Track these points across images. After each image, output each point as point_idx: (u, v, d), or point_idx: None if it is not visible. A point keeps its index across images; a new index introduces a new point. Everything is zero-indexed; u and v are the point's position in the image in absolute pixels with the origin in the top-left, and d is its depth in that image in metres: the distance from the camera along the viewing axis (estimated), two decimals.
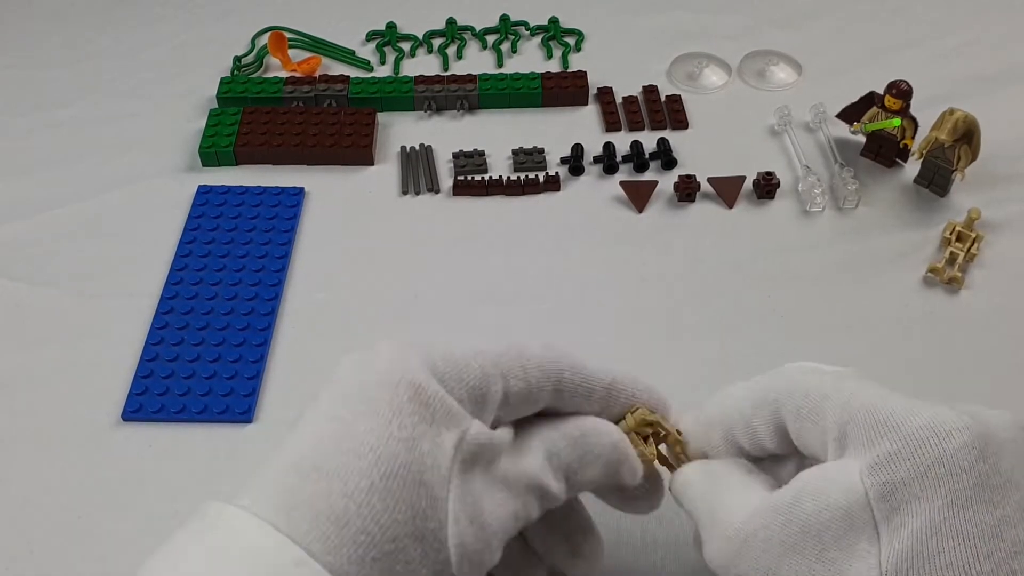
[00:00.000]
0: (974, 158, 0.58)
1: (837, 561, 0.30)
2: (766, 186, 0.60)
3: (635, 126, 0.65)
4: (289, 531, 0.28)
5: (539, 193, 0.61)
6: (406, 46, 0.74)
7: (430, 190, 0.62)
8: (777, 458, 0.36)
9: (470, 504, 0.31)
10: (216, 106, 0.67)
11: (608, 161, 0.62)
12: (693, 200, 0.60)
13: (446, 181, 0.62)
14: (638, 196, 0.60)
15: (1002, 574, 0.28)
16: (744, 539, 0.32)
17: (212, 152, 0.63)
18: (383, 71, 0.71)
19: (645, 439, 0.36)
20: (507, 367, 0.34)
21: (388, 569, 0.29)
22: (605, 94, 0.68)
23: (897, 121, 0.59)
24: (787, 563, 0.31)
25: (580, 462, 0.35)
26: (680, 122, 0.66)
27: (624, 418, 0.36)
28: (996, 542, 0.28)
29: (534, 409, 0.35)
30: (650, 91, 0.68)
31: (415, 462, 0.30)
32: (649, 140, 0.64)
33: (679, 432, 0.37)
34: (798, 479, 0.32)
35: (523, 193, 0.61)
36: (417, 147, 0.64)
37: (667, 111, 0.66)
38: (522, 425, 0.35)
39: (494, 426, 0.34)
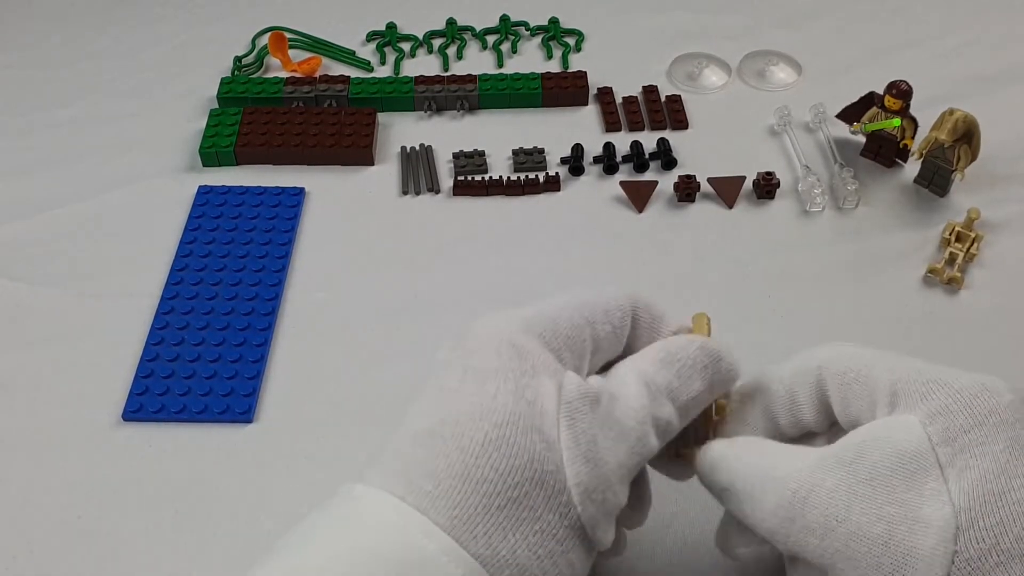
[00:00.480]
0: (974, 158, 0.58)
1: (908, 502, 0.30)
2: (766, 186, 0.60)
3: (635, 126, 0.66)
4: (413, 497, 0.30)
5: (539, 193, 0.61)
6: (406, 46, 0.74)
7: (430, 190, 0.62)
8: (806, 437, 0.37)
9: (583, 444, 0.32)
10: (216, 106, 0.67)
11: (608, 161, 0.62)
12: (693, 200, 0.60)
13: (446, 181, 0.62)
14: (638, 196, 0.60)
15: None
16: (809, 491, 0.32)
17: (212, 152, 0.63)
18: (383, 71, 0.71)
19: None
20: (592, 314, 0.35)
21: (515, 516, 0.30)
22: (605, 94, 0.68)
23: (897, 121, 0.59)
24: (857, 509, 0.31)
25: (678, 378, 0.35)
26: (680, 122, 0.66)
27: None
28: None
29: (617, 351, 0.36)
30: (650, 91, 0.68)
31: (524, 409, 0.31)
32: (649, 140, 0.64)
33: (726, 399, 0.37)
34: (857, 432, 0.33)
35: (523, 193, 0.61)
36: (417, 147, 0.64)
37: (667, 111, 0.66)
38: (608, 369, 0.36)
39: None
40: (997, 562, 0.29)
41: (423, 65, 0.72)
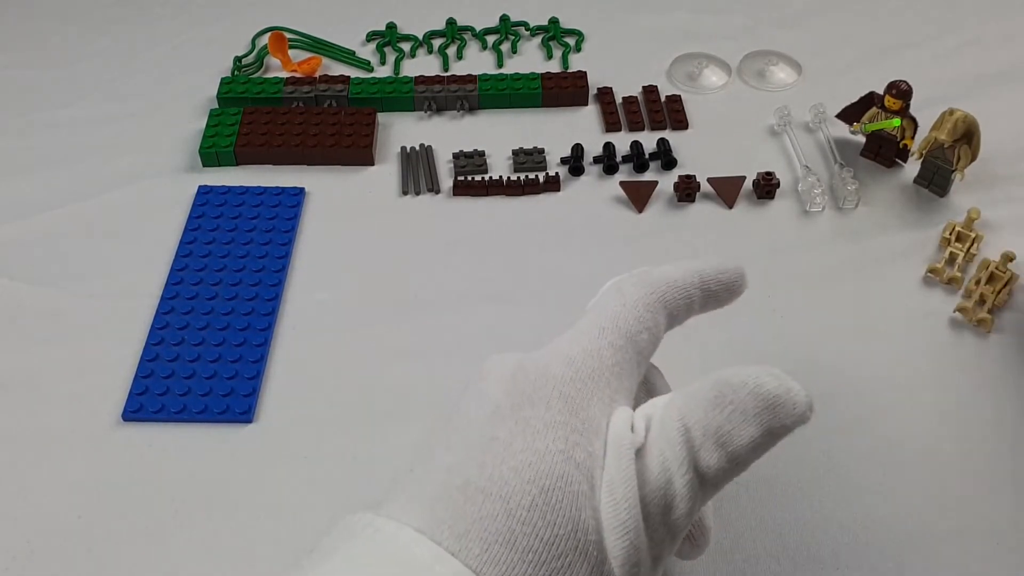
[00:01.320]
0: (974, 158, 0.58)
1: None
2: (766, 186, 0.60)
3: (635, 126, 0.66)
4: (464, 556, 0.28)
5: (539, 193, 0.61)
6: (406, 46, 0.74)
7: (430, 190, 0.62)
8: None
9: (626, 512, 0.30)
10: (216, 106, 0.67)
11: (608, 161, 0.62)
12: (693, 200, 0.60)
13: (446, 181, 0.62)
14: (638, 196, 0.60)
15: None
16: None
17: (212, 152, 0.63)
18: (383, 71, 0.71)
19: None
20: (626, 328, 0.34)
21: None
22: (605, 94, 0.68)
23: (897, 121, 0.59)
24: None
25: (729, 422, 0.31)
26: (680, 122, 0.66)
27: None
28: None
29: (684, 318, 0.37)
30: (650, 91, 0.68)
31: (571, 472, 0.30)
32: (649, 140, 0.64)
33: None
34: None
35: (523, 193, 0.61)
36: (417, 147, 0.64)
37: (667, 111, 0.66)
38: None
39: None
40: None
41: (423, 65, 0.72)
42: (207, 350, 0.51)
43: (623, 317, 0.35)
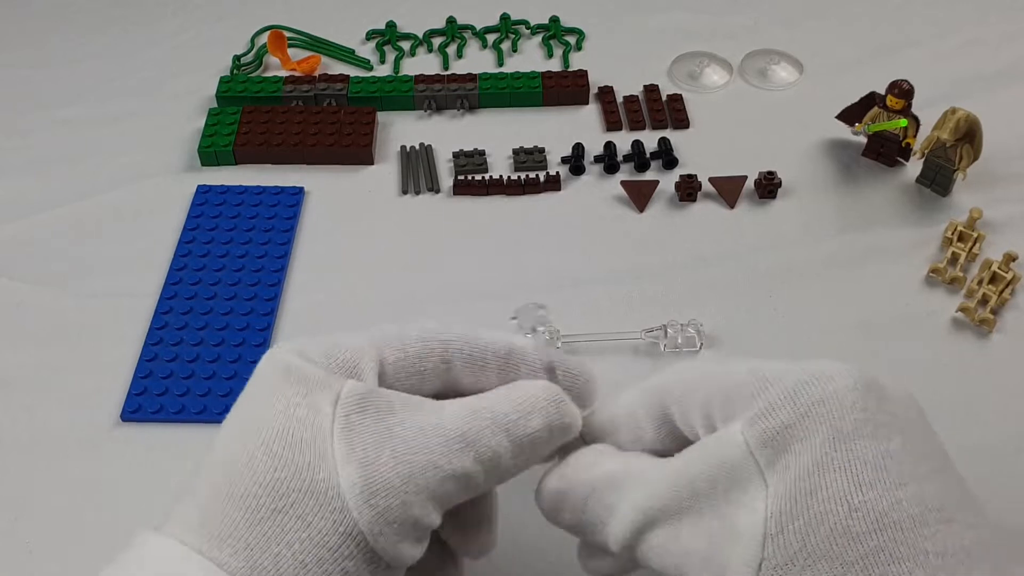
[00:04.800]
0: (976, 158, 0.58)
1: (728, 515, 0.30)
2: (767, 186, 0.59)
3: (636, 125, 0.65)
4: (178, 530, 0.30)
5: (539, 193, 0.61)
6: (406, 45, 0.73)
7: (430, 190, 0.61)
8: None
9: (359, 449, 0.31)
10: (215, 105, 0.67)
11: (609, 161, 0.62)
12: (694, 200, 0.60)
13: (446, 181, 0.62)
14: (639, 196, 0.60)
15: (885, 503, 0.28)
16: (647, 513, 0.32)
17: (211, 152, 0.63)
18: (383, 70, 0.71)
19: None
20: (383, 340, 0.34)
21: (280, 525, 0.30)
22: (606, 93, 0.68)
23: (903, 122, 0.59)
24: (688, 524, 0.31)
25: (516, 411, 0.33)
26: (681, 121, 0.65)
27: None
28: (880, 473, 0.28)
29: (430, 384, 0.35)
30: (651, 90, 0.68)
31: (292, 425, 0.31)
32: (650, 140, 0.64)
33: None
34: (688, 449, 0.32)
35: (523, 193, 0.61)
36: (417, 147, 0.64)
37: (668, 110, 0.66)
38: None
39: None
40: (804, 564, 0.28)
41: (423, 64, 0.72)
42: (206, 350, 0.51)
43: (382, 335, 0.35)
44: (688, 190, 0.59)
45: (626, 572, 0.35)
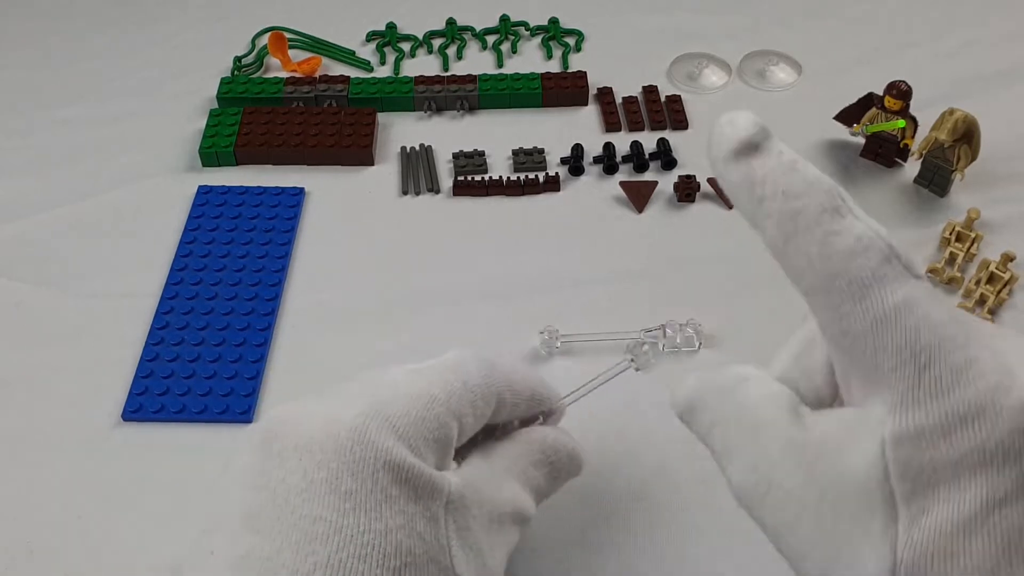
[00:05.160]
0: (974, 158, 0.58)
1: (851, 536, 0.26)
2: None
3: (635, 126, 0.65)
4: None
5: (539, 193, 0.61)
6: (406, 46, 0.74)
7: (430, 190, 0.62)
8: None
9: (473, 559, 0.31)
10: (216, 106, 0.67)
11: (608, 161, 0.62)
12: (693, 200, 0.60)
13: (446, 181, 0.62)
14: (638, 196, 0.60)
15: None
16: (768, 486, 0.28)
17: (212, 152, 0.63)
18: (383, 71, 0.71)
19: None
20: (457, 407, 0.33)
21: None
22: (605, 94, 0.68)
23: (902, 123, 0.59)
24: (805, 523, 0.27)
25: (548, 479, 0.36)
26: (680, 122, 0.66)
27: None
28: None
29: (476, 431, 0.35)
30: (650, 91, 0.68)
31: (417, 545, 0.29)
32: (649, 140, 0.64)
33: None
34: (824, 432, 0.27)
35: (523, 193, 0.61)
36: (417, 147, 0.64)
37: (667, 111, 0.66)
38: (481, 452, 0.36)
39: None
40: None
41: (423, 65, 0.72)
42: (207, 350, 0.51)
43: (459, 397, 0.34)
44: (687, 191, 0.60)
45: None
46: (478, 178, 0.61)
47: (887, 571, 0.25)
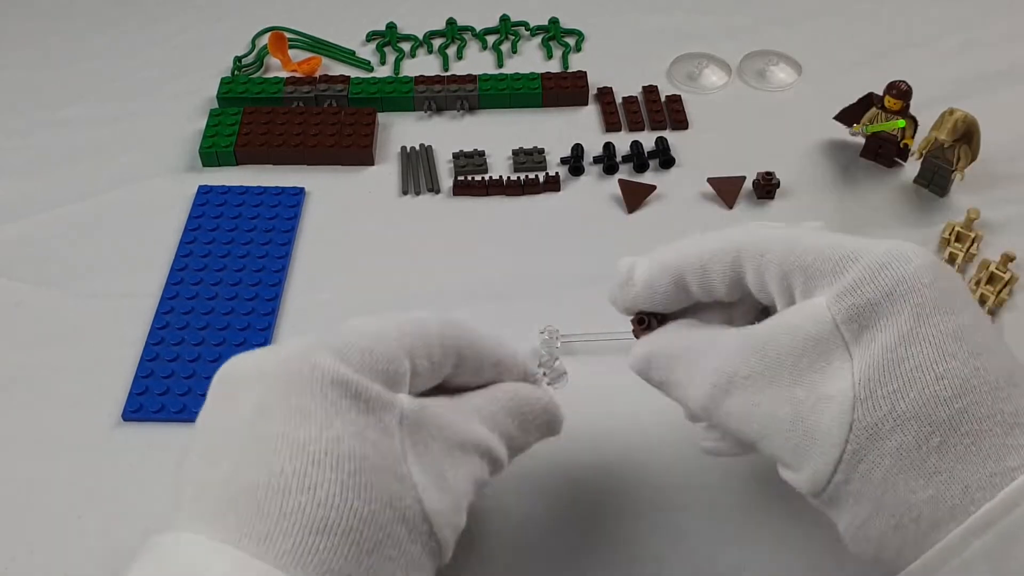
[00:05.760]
0: (974, 158, 0.58)
1: (814, 383, 0.32)
2: (766, 186, 0.60)
3: (635, 126, 0.65)
4: (269, 557, 0.28)
5: (539, 193, 0.61)
6: (406, 46, 0.74)
7: (430, 190, 0.62)
8: (721, 305, 0.38)
9: (432, 473, 0.32)
10: (216, 106, 0.67)
11: (608, 161, 0.62)
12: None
13: (446, 181, 0.62)
14: (633, 197, 0.60)
15: (966, 370, 0.31)
16: (729, 379, 0.34)
17: (212, 152, 0.63)
18: (383, 71, 0.71)
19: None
20: (411, 346, 0.34)
21: (384, 555, 0.30)
22: (605, 94, 0.68)
23: (902, 123, 0.59)
24: (769, 392, 0.33)
25: (519, 429, 0.37)
26: (680, 122, 0.66)
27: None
28: (959, 343, 0.31)
29: (435, 383, 0.36)
30: (650, 91, 0.68)
31: (371, 451, 0.31)
32: (649, 140, 0.64)
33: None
34: (770, 320, 0.34)
35: (523, 193, 0.61)
36: (417, 147, 0.64)
37: (667, 111, 0.66)
38: (446, 394, 0.36)
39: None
40: (893, 426, 0.31)
41: (423, 65, 0.72)
42: (207, 350, 0.51)
43: (412, 339, 0.34)
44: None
45: (739, 453, 0.38)
46: (478, 178, 0.61)
47: (849, 388, 0.31)
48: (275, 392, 0.31)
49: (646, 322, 0.39)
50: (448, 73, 0.71)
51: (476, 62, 0.72)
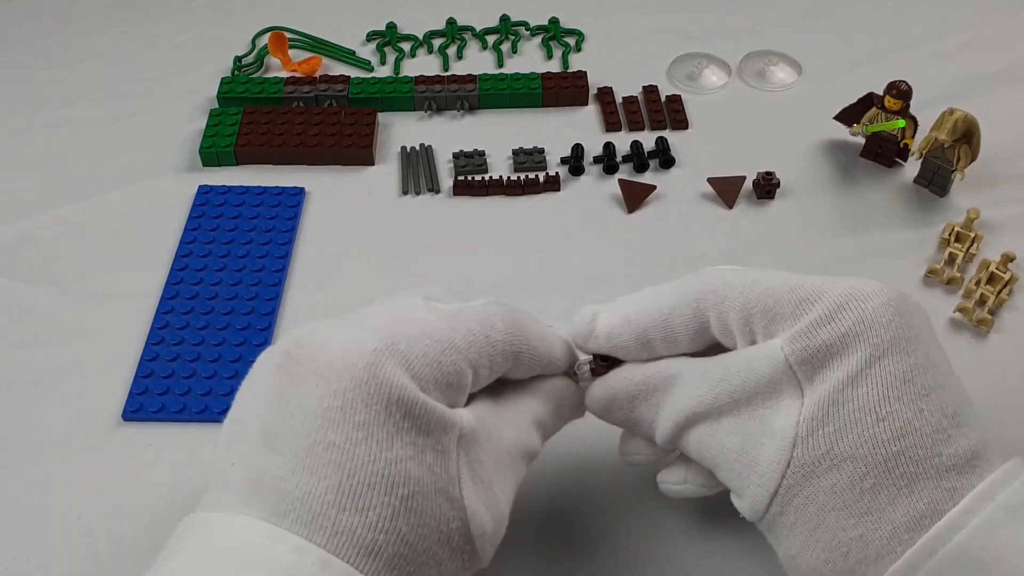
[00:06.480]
0: (974, 158, 0.58)
1: (764, 417, 0.33)
2: (766, 186, 0.60)
3: (635, 126, 0.66)
4: (335, 571, 0.28)
5: (539, 193, 0.61)
6: (406, 46, 0.74)
7: (430, 190, 0.62)
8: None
9: (483, 492, 0.32)
10: (216, 106, 0.67)
11: (608, 161, 0.62)
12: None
13: (446, 181, 0.62)
14: (633, 197, 0.60)
15: (909, 413, 0.31)
16: (687, 417, 0.36)
17: (212, 152, 0.63)
18: (383, 71, 0.71)
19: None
20: (475, 358, 0.34)
21: (424, 575, 0.30)
22: (605, 94, 0.68)
23: (902, 122, 0.59)
24: (724, 423, 0.35)
25: (553, 418, 0.38)
26: (680, 122, 0.66)
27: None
28: (907, 386, 0.32)
29: (487, 383, 0.36)
30: (650, 91, 0.68)
31: (426, 476, 0.31)
32: (649, 140, 0.64)
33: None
34: (727, 356, 0.35)
35: (523, 193, 0.61)
36: (417, 147, 0.64)
37: (667, 111, 0.66)
38: (494, 393, 0.36)
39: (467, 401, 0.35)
40: (830, 465, 0.31)
41: (423, 65, 0.72)
42: (207, 350, 0.51)
43: (479, 349, 0.34)
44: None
45: (658, 460, 0.40)
46: (478, 178, 0.61)
47: (792, 426, 0.32)
48: (340, 399, 0.30)
49: (609, 360, 0.39)
50: (448, 73, 0.71)
51: (476, 62, 0.72)
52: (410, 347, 0.32)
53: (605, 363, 0.39)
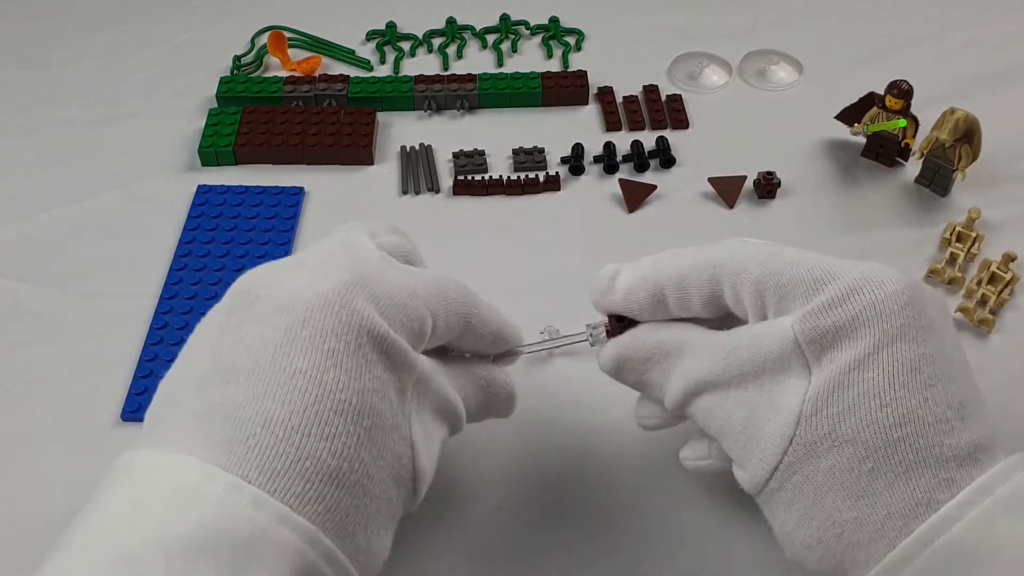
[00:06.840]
0: (975, 158, 0.58)
1: (772, 393, 0.34)
2: (767, 186, 0.60)
3: (635, 126, 0.65)
4: (279, 496, 0.29)
5: (539, 193, 0.61)
6: (406, 45, 0.73)
7: (430, 190, 0.62)
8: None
9: (424, 437, 0.34)
10: (216, 106, 0.67)
11: (608, 161, 0.62)
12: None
13: (446, 181, 0.62)
14: (634, 197, 0.60)
15: (914, 401, 0.31)
16: (697, 384, 0.36)
17: (212, 152, 0.63)
18: (383, 71, 0.71)
19: None
20: (435, 310, 0.35)
21: (375, 509, 0.31)
22: (605, 94, 0.68)
23: (903, 122, 0.59)
24: (732, 395, 0.35)
25: (480, 406, 0.39)
26: (680, 122, 0.66)
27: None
28: (914, 374, 0.32)
29: (438, 344, 0.37)
30: (651, 91, 0.68)
31: (387, 409, 0.31)
32: (650, 140, 0.64)
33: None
34: (738, 330, 0.36)
35: (523, 193, 0.61)
36: (417, 147, 0.64)
37: (668, 111, 0.66)
38: (438, 357, 0.37)
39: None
40: (830, 446, 0.32)
41: (423, 64, 0.72)
42: None
43: (437, 302, 0.36)
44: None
45: (671, 424, 0.40)
46: (478, 178, 0.61)
47: (797, 404, 0.33)
48: (308, 327, 0.30)
49: (624, 321, 0.40)
50: (448, 72, 0.71)
51: (476, 61, 0.72)
52: (379, 287, 0.33)
53: (620, 324, 0.40)
